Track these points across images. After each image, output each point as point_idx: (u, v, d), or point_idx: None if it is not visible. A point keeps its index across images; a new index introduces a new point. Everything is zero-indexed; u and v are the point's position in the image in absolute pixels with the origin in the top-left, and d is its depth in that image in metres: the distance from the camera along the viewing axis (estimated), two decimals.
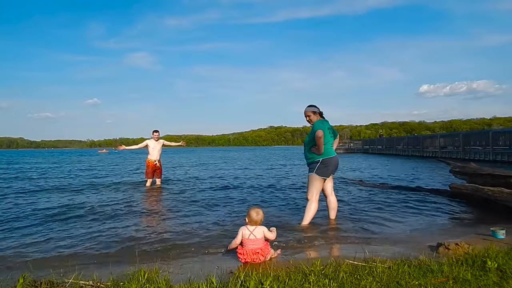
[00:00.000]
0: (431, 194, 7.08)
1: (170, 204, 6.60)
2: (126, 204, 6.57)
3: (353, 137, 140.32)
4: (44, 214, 5.63)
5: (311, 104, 4.65)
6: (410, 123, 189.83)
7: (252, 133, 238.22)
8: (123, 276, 2.65)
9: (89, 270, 2.98)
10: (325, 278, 2.43)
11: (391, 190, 7.82)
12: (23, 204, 6.72)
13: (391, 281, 2.38)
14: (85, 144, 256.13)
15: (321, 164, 4.40)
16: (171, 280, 2.58)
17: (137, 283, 2.43)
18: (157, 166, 9.13)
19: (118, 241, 4.00)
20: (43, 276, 2.67)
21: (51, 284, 2.44)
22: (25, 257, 3.49)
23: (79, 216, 5.47)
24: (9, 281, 2.68)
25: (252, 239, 3.15)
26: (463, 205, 5.89)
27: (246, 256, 3.09)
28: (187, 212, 5.68)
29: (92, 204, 6.57)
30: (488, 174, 5.83)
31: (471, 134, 21.63)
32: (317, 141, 4.28)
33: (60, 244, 3.91)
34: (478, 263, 2.65)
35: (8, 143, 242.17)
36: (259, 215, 3.24)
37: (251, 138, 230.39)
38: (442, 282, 2.36)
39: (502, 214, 4.91)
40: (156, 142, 9.12)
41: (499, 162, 16.36)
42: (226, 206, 6.27)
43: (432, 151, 24.63)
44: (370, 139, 49.42)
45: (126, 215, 5.50)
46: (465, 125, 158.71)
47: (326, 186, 4.62)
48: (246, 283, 2.33)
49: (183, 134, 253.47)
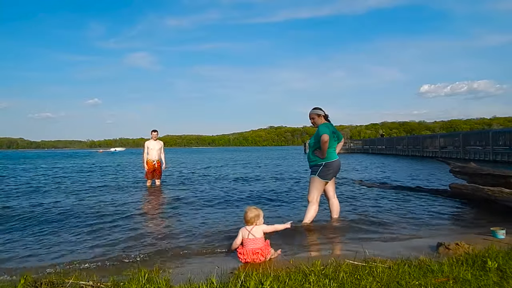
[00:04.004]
0: (431, 194, 7.07)
1: (169, 204, 6.60)
2: (125, 204, 6.58)
3: (353, 137, 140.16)
4: (44, 215, 5.63)
5: (316, 107, 4.65)
6: (410, 123, 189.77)
7: (252, 133, 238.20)
8: (123, 276, 2.65)
9: (89, 270, 2.98)
10: (325, 278, 2.43)
11: (391, 190, 7.81)
12: (22, 204, 6.72)
13: (391, 281, 2.38)
14: (85, 144, 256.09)
15: (324, 167, 4.42)
16: (171, 280, 2.58)
17: (137, 283, 2.43)
18: (156, 167, 9.12)
19: (118, 241, 4.00)
20: (44, 276, 2.67)
21: (51, 284, 2.44)
22: (25, 257, 3.49)
23: (79, 216, 5.47)
24: (10, 282, 2.68)
25: (251, 238, 3.14)
26: (463, 205, 5.89)
27: (246, 256, 3.08)
28: (186, 212, 5.68)
29: (91, 205, 6.58)
30: (488, 174, 5.82)
31: (471, 134, 21.64)
32: (322, 146, 4.28)
33: (61, 245, 3.91)
34: (478, 263, 2.65)
35: (8, 143, 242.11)
36: (253, 213, 3.22)
37: (251, 138, 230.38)
38: (442, 282, 2.36)
39: (502, 214, 4.90)
40: (155, 142, 9.09)
41: (499, 162, 16.35)
42: (226, 206, 6.28)
43: (432, 151, 24.62)
44: (370, 139, 49.40)
45: (126, 216, 5.50)
46: (465, 125, 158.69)
47: (328, 188, 4.63)
48: (246, 283, 2.33)
49: (183, 134, 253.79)
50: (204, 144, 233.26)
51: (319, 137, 4.30)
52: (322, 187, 4.51)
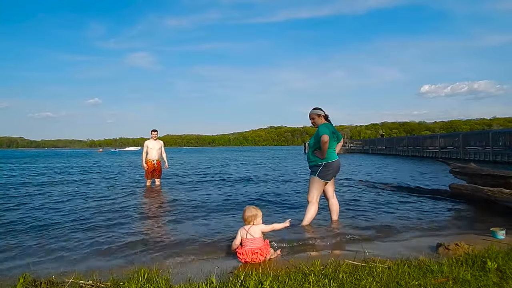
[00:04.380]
0: (431, 194, 7.07)
1: (169, 204, 6.59)
2: (125, 204, 6.57)
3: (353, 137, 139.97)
4: (44, 215, 5.63)
5: (316, 107, 4.64)
6: (410, 123, 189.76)
7: (252, 133, 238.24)
8: (123, 276, 2.65)
9: (89, 270, 2.98)
10: (325, 278, 2.43)
11: (391, 190, 7.81)
12: (20, 204, 6.72)
13: (391, 281, 2.38)
14: (85, 144, 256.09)
15: (324, 167, 4.42)
16: (171, 280, 2.58)
17: (137, 283, 2.43)
18: (156, 166, 9.11)
19: (118, 241, 4.00)
20: (43, 276, 2.67)
21: (51, 284, 2.44)
22: (25, 257, 3.49)
23: (78, 216, 5.47)
24: (10, 281, 2.68)
25: (249, 238, 3.14)
26: (463, 205, 5.88)
27: (245, 256, 3.09)
28: (186, 212, 5.68)
29: (91, 205, 6.58)
30: (488, 174, 5.82)
31: (471, 135, 21.63)
32: (322, 146, 4.28)
33: (60, 244, 3.91)
34: (478, 263, 2.65)
35: (8, 142, 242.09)
36: (250, 212, 3.23)
37: (251, 138, 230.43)
38: (442, 283, 2.36)
39: (502, 214, 4.90)
40: (155, 142, 9.09)
41: (499, 163, 16.35)
42: (226, 206, 6.27)
43: (432, 151, 24.61)
44: (370, 139, 49.39)
45: (125, 215, 5.50)
46: (465, 125, 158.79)
47: (327, 189, 4.63)
48: (246, 283, 2.33)
49: (183, 134, 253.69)
50: (204, 144, 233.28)
51: (319, 138, 4.30)
52: (321, 187, 4.51)
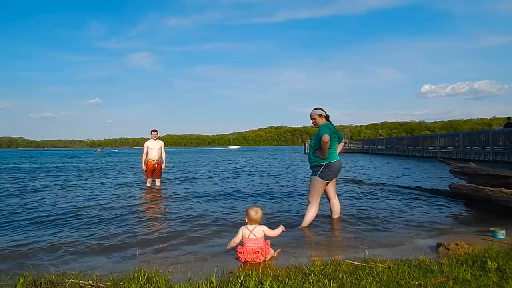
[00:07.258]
0: (431, 194, 7.07)
1: (169, 204, 6.60)
2: (125, 204, 6.58)
3: (353, 137, 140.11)
4: (43, 215, 5.63)
5: (317, 107, 4.64)
6: (410, 123, 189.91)
7: (252, 133, 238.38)
8: (123, 276, 2.65)
9: (89, 269, 2.98)
10: (325, 278, 2.43)
11: (391, 190, 7.81)
12: (19, 204, 6.72)
13: (391, 281, 2.38)
14: (85, 143, 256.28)
15: (325, 168, 4.41)
16: (171, 280, 2.58)
17: (137, 282, 2.43)
18: (156, 166, 9.10)
19: (118, 241, 4.00)
20: (43, 276, 2.67)
21: (51, 284, 2.44)
22: (25, 257, 3.49)
23: (78, 216, 5.47)
24: (9, 281, 2.68)
25: (252, 238, 3.15)
26: (463, 205, 5.88)
27: (246, 255, 3.09)
28: (186, 212, 5.67)
29: (91, 204, 6.58)
30: (488, 174, 5.82)
31: (471, 134, 21.60)
32: (323, 146, 4.28)
33: (60, 244, 3.90)
34: (478, 263, 2.65)
35: (8, 143, 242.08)
36: (258, 213, 3.25)
37: (251, 138, 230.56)
38: (442, 282, 2.36)
39: (502, 214, 4.90)
40: (155, 142, 9.07)
41: (499, 163, 16.34)
42: (226, 206, 6.27)
43: (432, 151, 24.58)
44: (370, 139, 49.34)
45: (126, 216, 5.50)
46: (465, 125, 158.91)
47: (329, 189, 4.62)
48: (246, 283, 2.33)
49: (183, 134, 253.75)
50: (204, 144, 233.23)
51: (320, 138, 4.30)
52: (322, 187, 4.51)
